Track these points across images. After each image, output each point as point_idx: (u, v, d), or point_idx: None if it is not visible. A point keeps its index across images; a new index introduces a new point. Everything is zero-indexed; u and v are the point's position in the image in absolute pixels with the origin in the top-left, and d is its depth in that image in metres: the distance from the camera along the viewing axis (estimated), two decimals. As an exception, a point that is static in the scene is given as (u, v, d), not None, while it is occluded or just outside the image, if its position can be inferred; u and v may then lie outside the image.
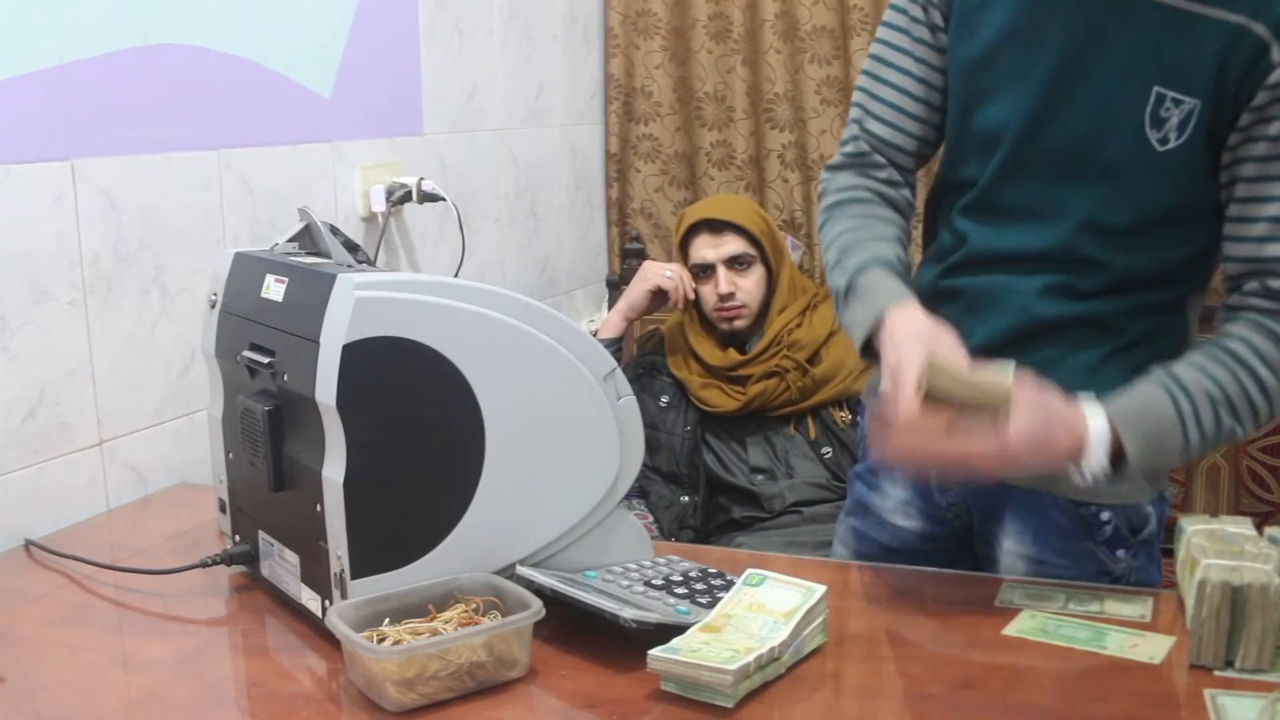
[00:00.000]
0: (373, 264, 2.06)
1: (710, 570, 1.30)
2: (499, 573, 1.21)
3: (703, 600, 1.22)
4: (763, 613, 1.14)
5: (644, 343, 2.55)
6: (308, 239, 1.44)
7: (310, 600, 1.24)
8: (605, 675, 1.13)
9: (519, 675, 1.12)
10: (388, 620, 1.14)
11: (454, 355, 1.18)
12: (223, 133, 1.86)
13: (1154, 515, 1.39)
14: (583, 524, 1.28)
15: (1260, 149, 1.21)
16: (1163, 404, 1.21)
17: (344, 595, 1.17)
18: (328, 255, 1.36)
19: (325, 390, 1.14)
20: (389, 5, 2.23)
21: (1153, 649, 1.15)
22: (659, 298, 2.37)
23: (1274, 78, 1.17)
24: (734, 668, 1.05)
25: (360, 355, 1.14)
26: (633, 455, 1.30)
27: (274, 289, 1.28)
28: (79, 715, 1.12)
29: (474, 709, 1.08)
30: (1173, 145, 1.23)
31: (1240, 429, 1.23)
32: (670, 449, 2.29)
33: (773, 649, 1.09)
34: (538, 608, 1.12)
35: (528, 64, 2.69)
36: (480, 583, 1.18)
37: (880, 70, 1.41)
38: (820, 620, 1.17)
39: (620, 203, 3.07)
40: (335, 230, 1.92)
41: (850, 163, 1.44)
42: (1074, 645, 1.17)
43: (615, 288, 2.77)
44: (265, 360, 1.25)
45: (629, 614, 1.12)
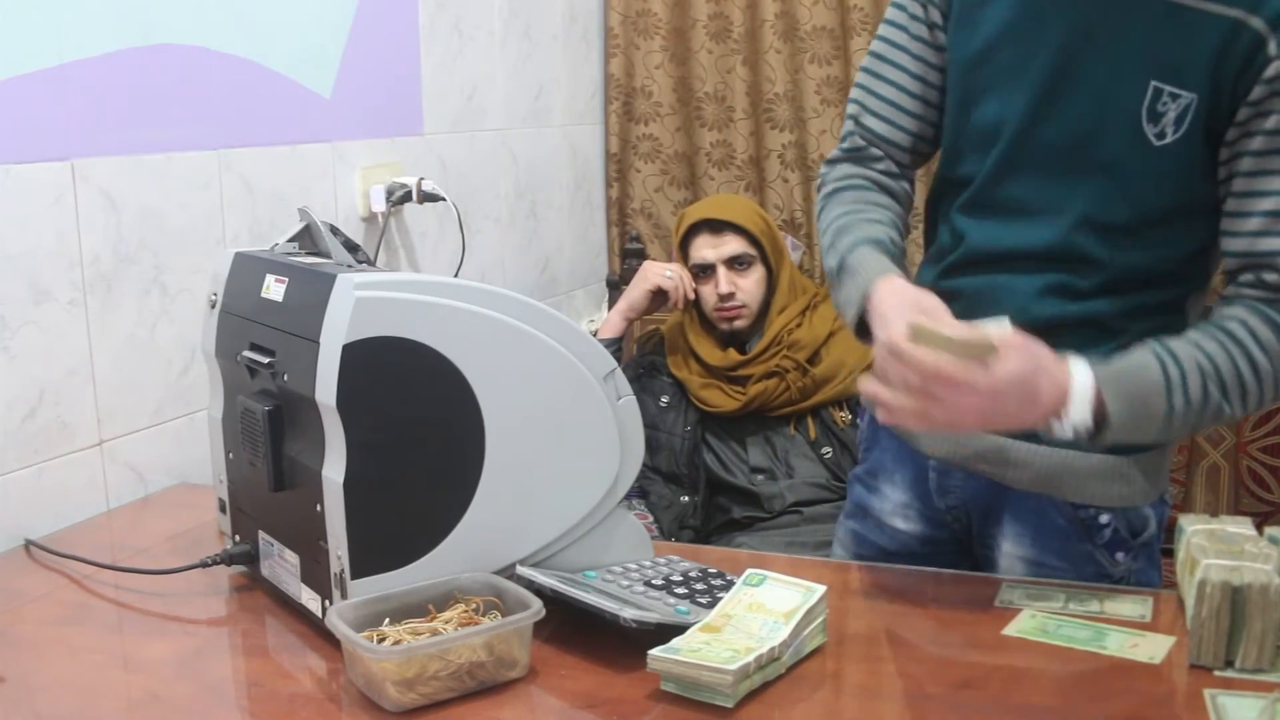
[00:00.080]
0: (373, 264, 2.06)
1: (710, 570, 1.30)
2: (499, 573, 1.21)
3: (703, 600, 1.22)
4: (763, 613, 1.14)
5: (644, 343, 2.55)
6: (308, 239, 1.44)
7: (310, 600, 1.24)
8: (605, 675, 1.13)
9: (519, 675, 1.12)
10: (388, 620, 1.14)
11: (454, 355, 1.18)
12: (223, 133, 1.86)
13: (1153, 518, 1.39)
14: (583, 524, 1.28)
15: (1256, 143, 1.20)
16: (1150, 367, 1.20)
17: (344, 595, 1.17)
18: (328, 255, 1.36)
19: (325, 390, 1.14)
20: (389, 5, 2.23)
21: (1153, 649, 1.15)
22: (659, 298, 2.37)
23: (1270, 71, 1.17)
24: (734, 668, 1.05)
25: (360, 355, 1.14)
26: (633, 455, 1.30)
27: (274, 289, 1.28)
28: (79, 715, 1.12)
29: (474, 709, 1.08)
30: (1170, 140, 1.23)
31: (1228, 407, 1.22)
32: (670, 449, 2.29)
33: (773, 649, 1.09)
34: (538, 608, 1.12)
35: (528, 64, 2.69)
36: (480, 583, 1.18)
37: (878, 67, 1.43)
38: (820, 620, 1.17)
39: (620, 203, 3.07)
40: (335, 230, 1.92)
41: (848, 156, 1.46)
42: (1074, 645, 1.17)
43: (615, 288, 2.77)
44: (265, 360, 1.25)
45: (629, 614, 1.12)
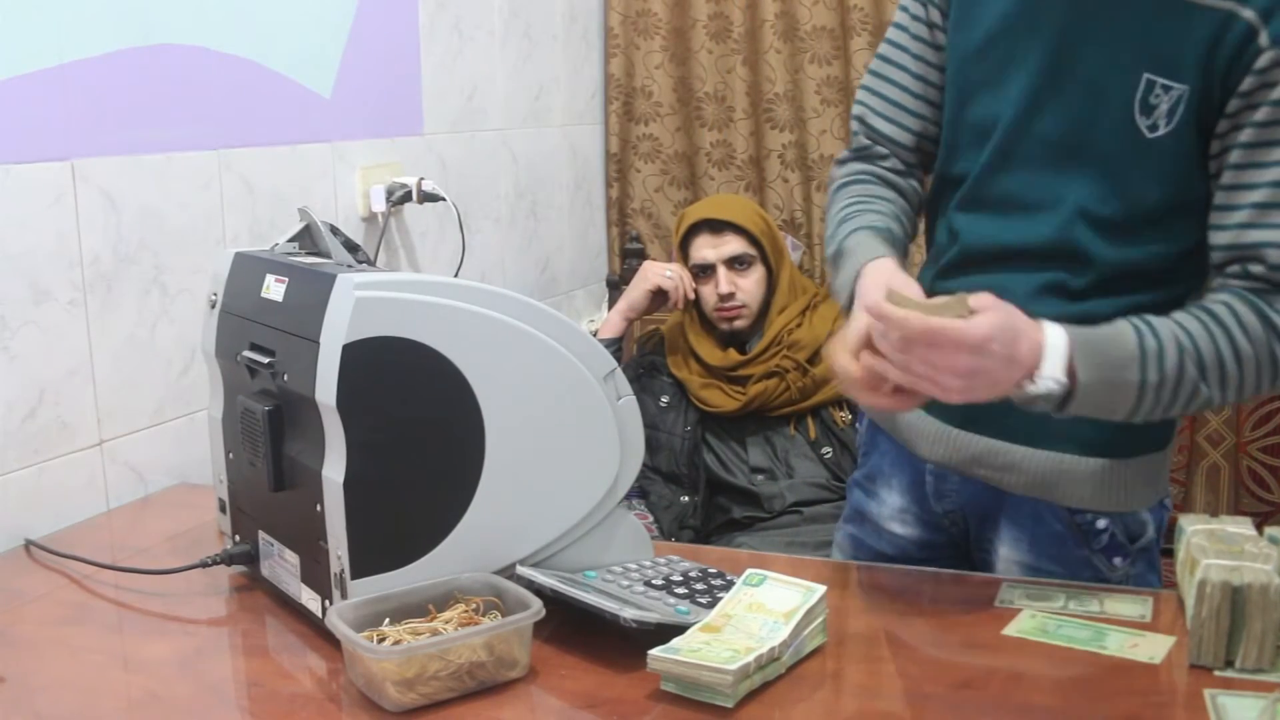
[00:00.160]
0: (373, 264, 2.06)
1: (710, 570, 1.30)
2: (499, 573, 1.21)
3: (703, 600, 1.22)
4: (763, 613, 1.14)
5: (644, 343, 2.55)
6: (308, 239, 1.44)
7: (310, 600, 1.24)
8: (605, 675, 1.13)
9: (519, 675, 1.12)
10: (388, 620, 1.14)
11: (454, 355, 1.18)
12: (223, 133, 1.86)
13: (1152, 523, 1.38)
14: (583, 524, 1.28)
15: (1245, 135, 1.20)
16: (1126, 336, 1.19)
17: (344, 595, 1.17)
18: (328, 255, 1.36)
19: (325, 390, 1.14)
20: (389, 5, 2.23)
21: (1153, 649, 1.15)
22: (659, 298, 2.37)
23: (1261, 63, 1.17)
24: (734, 668, 1.05)
25: (360, 355, 1.14)
26: (633, 455, 1.30)
27: (274, 289, 1.28)
28: (79, 715, 1.12)
29: (474, 709, 1.08)
30: (1162, 132, 1.23)
31: (1207, 389, 1.20)
32: (670, 449, 2.29)
33: (773, 649, 1.09)
34: (538, 608, 1.12)
35: (528, 64, 2.69)
36: (480, 583, 1.18)
37: (882, 68, 1.45)
38: (820, 620, 1.17)
39: (620, 203, 3.07)
40: (335, 230, 1.92)
41: (856, 155, 1.48)
42: (1074, 645, 1.17)
43: (615, 288, 2.77)
44: (265, 360, 1.25)
45: (629, 614, 1.12)
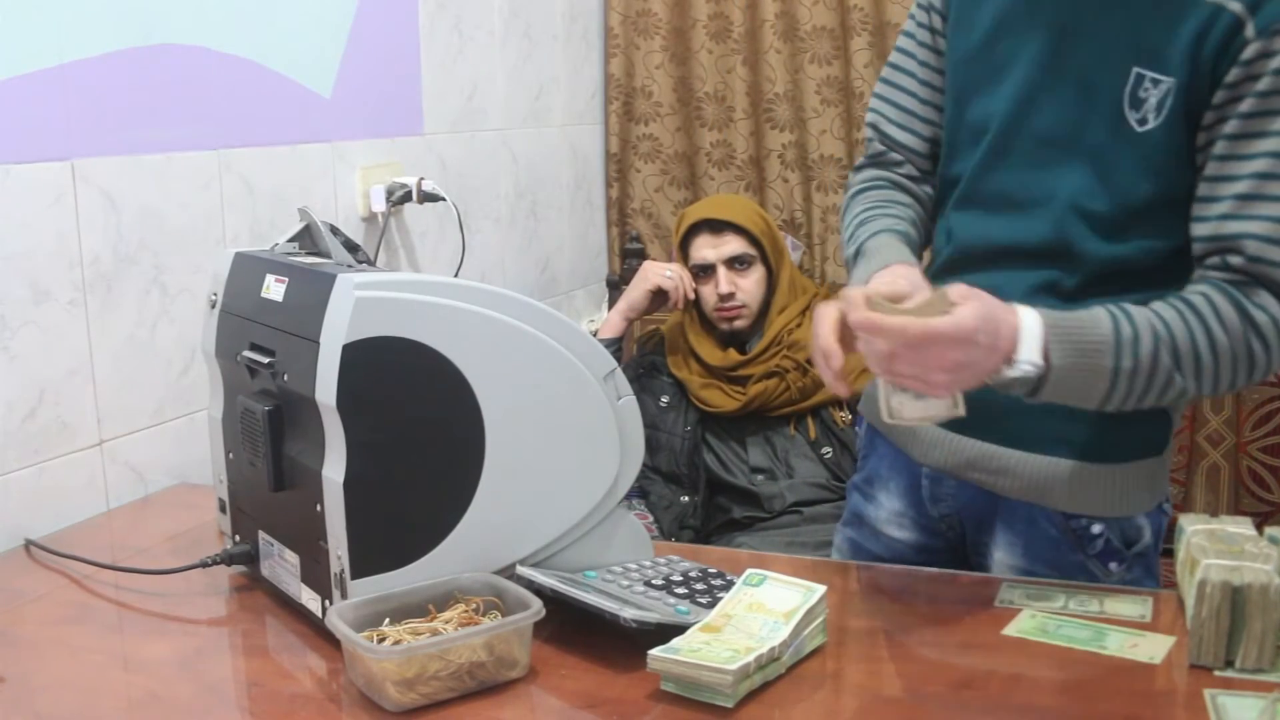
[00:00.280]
0: (373, 264, 2.06)
1: (710, 570, 1.30)
2: (499, 573, 1.21)
3: (703, 600, 1.22)
4: (763, 613, 1.14)
5: (644, 343, 2.55)
6: (308, 239, 1.44)
7: (310, 600, 1.24)
8: (605, 675, 1.13)
9: (519, 675, 1.12)
10: (388, 620, 1.14)
11: (454, 355, 1.18)
12: (223, 133, 1.86)
13: (1149, 528, 1.38)
14: (583, 524, 1.28)
15: (1229, 127, 1.20)
16: (1101, 322, 1.19)
17: (344, 595, 1.17)
18: (328, 255, 1.36)
19: (325, 390, 1.14)
20: (389, 5, 2.23)
21: (1153, 649, 1.15)
22: (659, 298, 2.37)
23: (1247, 53, 1.17)
24: (734, 668, 1.05)
25: (360, 355, 1.14)
26: (633, 455, 1.30)
27: (274, 289, 1.28)
28: (79, 715, 1.12)
29: (474, 709, 1.08)
30: (1152, 126, 1.23)
31: (1181, 379, 1.20)
32: (670, 449, 2.29)
33: (773, 649, 1.09)
34: (538, 608, 1.12)
35: (528, 64, 2.69)
36: (480, 583, 1.18)
37: (892, 75, 1.48)
38: (820, 620, 1.17)
39: (620, 203, 3.07)
40: (335, 230, 1.92)
41: (871, 161, 1.50)
42: (1074, 645, 1.17)
43: (615, 288, 2.77)
44: (265, 360, 1.25)
45: (629, 614, 1.12)
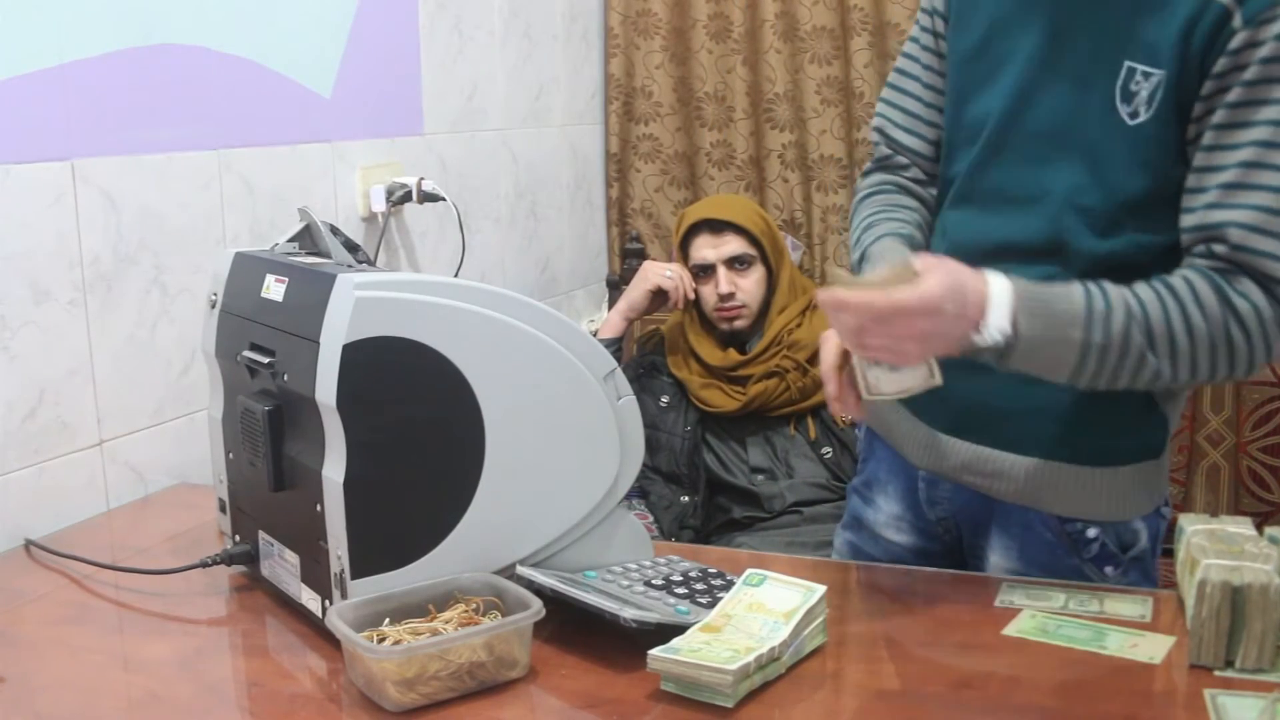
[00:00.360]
0: (373, 264, 2.06)
1: (710, 570, 1.30)
2: (499, 573, 1.21)
3: (703, 600, 1.22)
4: (763, 613, 1.14)
5: (644, 343, 2.55)
6: (308, 239, 1.44)
7: (310, 600, 1.24)
8: (605, 675, 1.13)
9: (519, 675, 1.12)
10: (388, 620, 1.14)
11: (454, 355, 1.18)
12: (223, 133, 1.86)
13: (1145, 531, 1.38)
14: (583, 524, 1.28)
15: (1218, 116, 1.20)
16: (1074, 295, 1.20)
17: (344, 595, 1.17)
18: (328, 255, 1.36)
19: (325, 390, 1.14)
20: (389, 5, 2.23)
21: (1153, 649, 1.15)
22: (659, 298, 2.37)
23: (1234, 43, 1.17)
24: (734, 668, 1.05)
25: (360, 355, 1.14)
26: (633, 455, 1.30)
27: (274, 289, 1.28)
28: (79, 715, 1.12)
29: (474, 709, 1.08)
30: (1143, 119, 1.24)
31: (1155, 360, 1.20)
32: (670, 449, 2.29)
33: (773, 649, 1.09)
34: (538, 608, 1.12)
35: (528, 64, 2.69)
36: (480, 583, 1.18)
37: (897, 79, 1.49)
38: (820, 620, 1.17)
39: (620, 203, 3.07)
40: (335, 230, 1.92)
41: (879, 166, 1.51)
42: (1074, 645, 1.17)
43: (615, 288, 2.77)
44: (265, 360, 1.25)
45: (629, 614, 1.12)
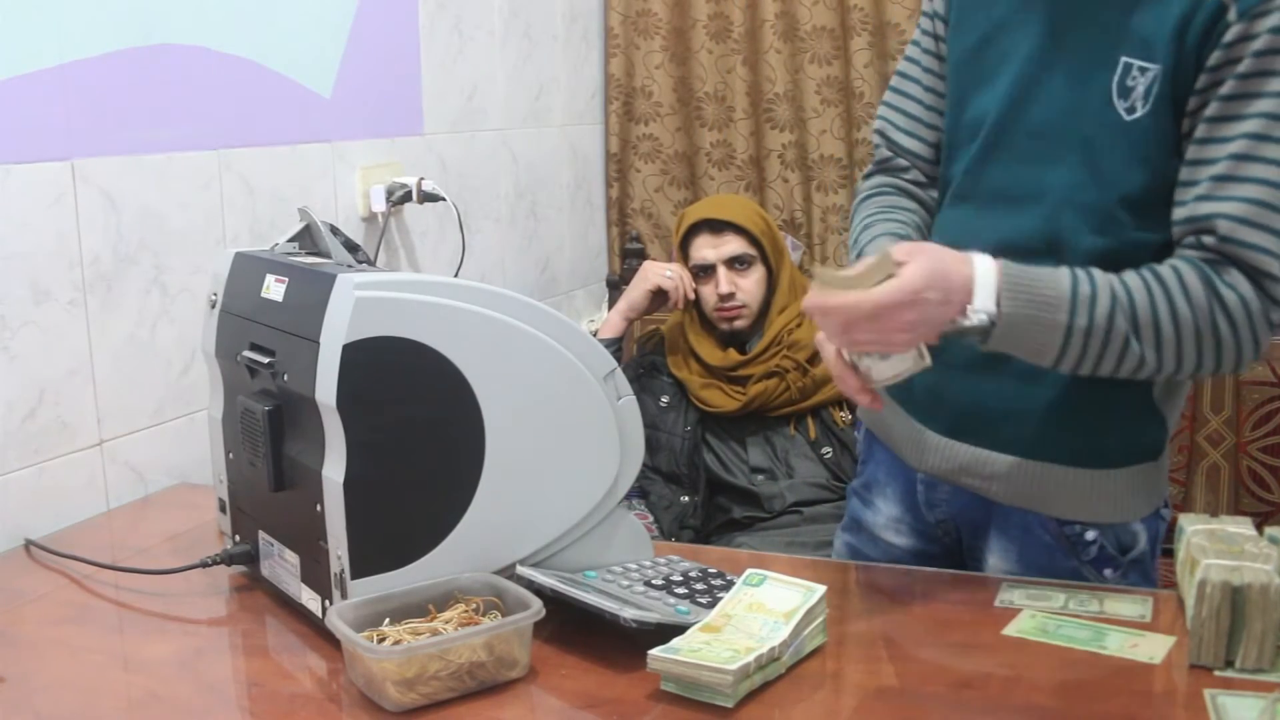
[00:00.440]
0: (373, 264, 2.06)
1: (710, 570, 1.30)
2: (499, 573, 1.21)
3: (703, 600, 1.22)
4: (763, 613, 1.14)
5: (644, 343, 2.55)
6: (308, 239, 1.44)
7: (310, 600, 1.24)
8: (605, 675, 1.13)
9: (519, 675, 1.12)
10: (388, 620, 1.14)
11: (454, 355, 1.18)
12: (223, 133, 1.86)
13: (1145, 534, 1.38)
14: (583, 524, 1.28)
15: (1211, 109, 1.20)
16: (1060, 278, 1.20)
17: (344, 595, 1.17)
18: (328, 255, 1.36)
19: (325, 390, 1.14)
20: (389, 5, 2.23)
21: (1153, 649, 1.15)
22: (659, 298, 2.37)
23: (1229, 37, 1.18)
24: (734, 668, 1.05)
25: (360, 355, 1.14)
26: (633, 455, 1.30)
27: (274, 289, 1.28)
28: (79, 715, 1.12)
29: (474, 709, 1.08)
30: (1139, 114, 1.24)
31: (1138, 345, 1.20)
32: (670, 449, 2.29)
33: (773, 649, 1.09)
34: (538, 608, 1.12)
35: (528, 64, 2.69)
36: (480, 583, 1.19)
37: (900, 83, 1.49)
38: (820, 620, 1.17)
39: (620, 203, 3.07)
40: (335, 230, 1.92)
41: (879, 168, 1.52)
42: (1074, 645, 1.17)
43: (615, 288, 2.77)
44: (265, 360, 1.25)
45: (629, 614, 1.12)
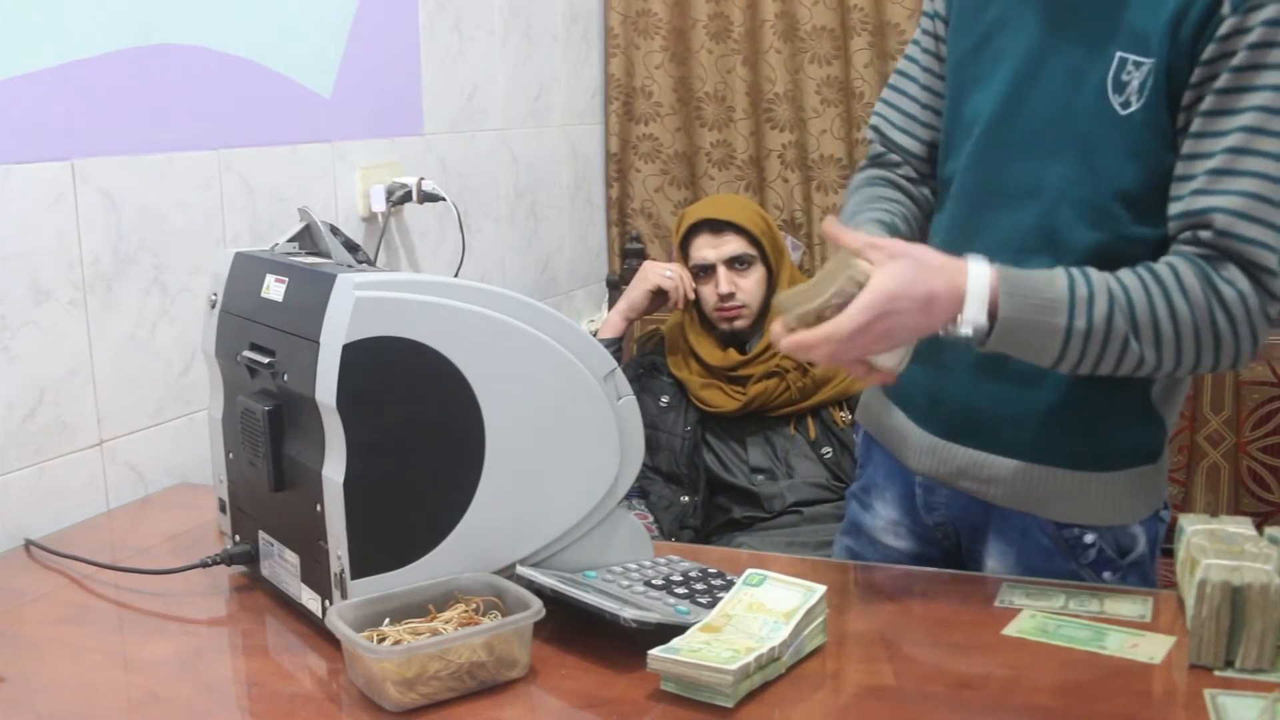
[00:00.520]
0: (373, 264, 2.06)
1: (710, 570, 1.30)
2: (499, 573, 1.21)
3: (703, 600, 1.22)
4: (763, 613, 1.14)
5: (644, 343, 2.55)
6: (308, 239, 1.44)
7: (310, 600, 1.24)
8: (605, 675, 1.13)
9: (519, 675, 1.12)
10: (388, 620, 1.14)
11: (454, 355, 1.18)
12: (223, 133, 1.86)
13: (1143, 536, 1.37)
14: (583, 524, 1.28)
15: (1206, 103, 1.20)
16: (1057, 280, 1.20)
17: (344, 595, 1.17)
18: (328, 255, 1.36)
19: (325, 390, 1.14)
20: (389, 5, 2.23)
21: (1153, 649, 1.15)
22: (659, 298, 2.37)
23: (1223, 30, 1.18)
24: (734, 668, 1.05)
25: (360, 355, 1.14)
26: (633, 455, 1.30)
27: (274, 289, 1.28)
28: (79, 715, 1.12)
29: (474, 709, 1.08)
30: (1135, 108, 1.24)
31: (1138, 345, 1.20)
32: (670, 449, 2.29)
33: (773, 649, 1.09)
34: (538, 608, 1.12)
35: (528, 64, 2.69)
36: (480, 583, 1.19)
37: (897, 80, 1.50)
38: (820, 620, 1.17)
39: (620, 203, 3.07)
40: (335, 230, 1.92)
41: (872, 162, 1.52)
42: (1074, 645, 1.17)
43: (615, 288, 2.77)
44: (265, 360, 1.25)
45: (629, 614, 1.12)
